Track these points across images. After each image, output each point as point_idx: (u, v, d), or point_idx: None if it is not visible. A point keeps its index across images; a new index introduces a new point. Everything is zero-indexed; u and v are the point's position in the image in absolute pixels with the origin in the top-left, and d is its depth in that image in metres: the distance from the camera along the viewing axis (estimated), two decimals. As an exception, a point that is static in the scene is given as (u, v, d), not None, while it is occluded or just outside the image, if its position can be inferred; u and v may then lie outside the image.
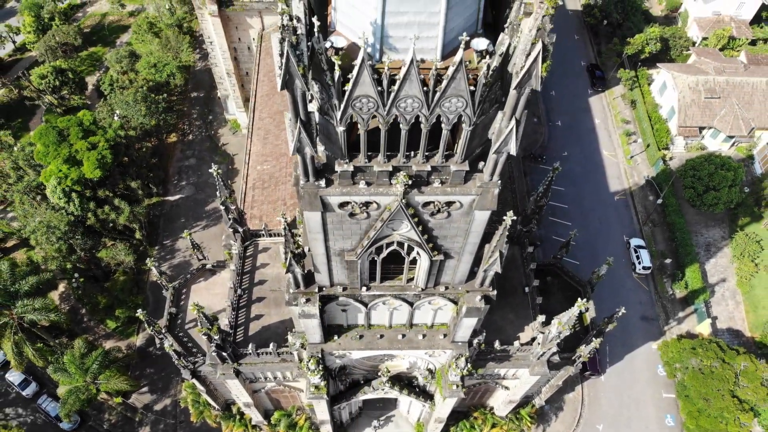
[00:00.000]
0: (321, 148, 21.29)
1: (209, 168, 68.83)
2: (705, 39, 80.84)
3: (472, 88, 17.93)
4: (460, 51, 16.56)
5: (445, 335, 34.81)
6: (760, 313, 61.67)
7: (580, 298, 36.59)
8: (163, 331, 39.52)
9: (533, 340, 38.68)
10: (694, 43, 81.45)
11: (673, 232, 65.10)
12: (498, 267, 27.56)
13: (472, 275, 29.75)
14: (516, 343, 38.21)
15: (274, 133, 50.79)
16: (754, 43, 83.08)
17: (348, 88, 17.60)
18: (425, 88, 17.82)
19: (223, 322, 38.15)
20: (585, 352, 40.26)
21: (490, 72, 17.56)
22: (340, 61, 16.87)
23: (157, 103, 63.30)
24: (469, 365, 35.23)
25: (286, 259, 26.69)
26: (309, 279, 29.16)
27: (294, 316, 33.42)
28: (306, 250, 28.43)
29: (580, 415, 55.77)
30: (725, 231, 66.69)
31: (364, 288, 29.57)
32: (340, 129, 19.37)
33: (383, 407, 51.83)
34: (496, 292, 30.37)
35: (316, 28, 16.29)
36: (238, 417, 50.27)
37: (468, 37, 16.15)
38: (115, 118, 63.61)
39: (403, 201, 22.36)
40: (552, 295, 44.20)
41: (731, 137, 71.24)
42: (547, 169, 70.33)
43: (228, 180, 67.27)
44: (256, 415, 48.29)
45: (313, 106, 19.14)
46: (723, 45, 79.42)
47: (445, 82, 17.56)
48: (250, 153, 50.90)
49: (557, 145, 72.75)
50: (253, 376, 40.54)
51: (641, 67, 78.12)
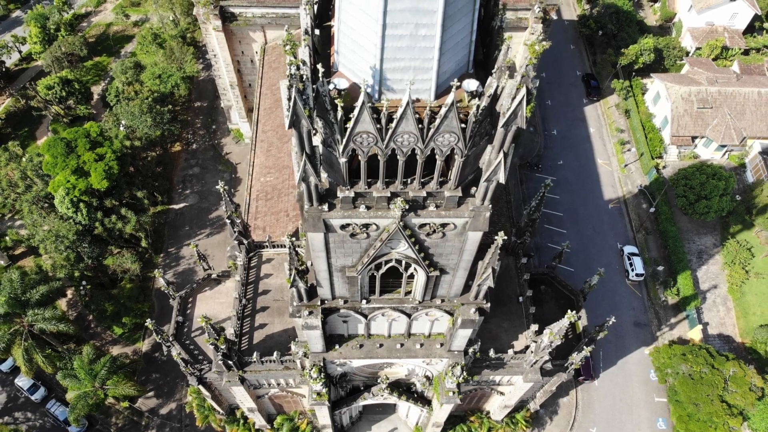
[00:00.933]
0: (324, 175, 22.86)
1: (213, 177, 71.20)
2: (698, 49, 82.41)
3: (463, 125, 19.51)
4: (452, 94, 18.17)
5: (441, 344, 36.38)
6: (751, 319, 63.23)
7: (570, 310, 38.29)
8: (170, 339, 41.09)
9: (527, 348, 40.29)
10: (687, 53, 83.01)
11: (666, 240, 66.67)
12: (491, 282, 29.20)
13: (466, 288, 31.34)
14: (510, 351, 39.72)
15: (276, 146, 52.29)
16: (747, 52, 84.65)
17: (350, 125, 19.21)
18: (420, 126, 19.41)
19: (229, 331, 39.66)
20: (577, 359, 41.77)
21: (480, 111, 19.12)
22: (342, 102, 18.46)
23: (163, 114, 64.83)
24: (464, 373, 36.82)
25: (291, 274, 28.27)
26: (312, 293, 30.75)
27: (297, 327, 34.98)
28: (309, 264, 30.03)
29: (574, 418, 57.29)
30: (717, 238, 68.25)
31: (364, 301, 31.15)
32: (342, 160, 20.96)
33: (383, 411, 53.38)
34: (489, 304, 32.00)
35: (320, 75, 17.85)
36: (242, 421, 51.84)
37: (459, 82, 17.73)
38: (121, 129, 65.20)
39: (400, 223, 23.94)
40: (546, 303, 45.84)
41: (723, 146, 72.79)
42: (543, 177, 72.16)
43: (231, 189, 68.90)
44: (259, 420, 49.86)
45: (317, 140, 20.74)
46: (716, 55, 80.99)
47: (438, 120, 19.15)
48: (253, 165, 52.42)
49: (553, 153, 74.33)
50: (257, 382, 42.10)
51: (635, 77, 79.70)
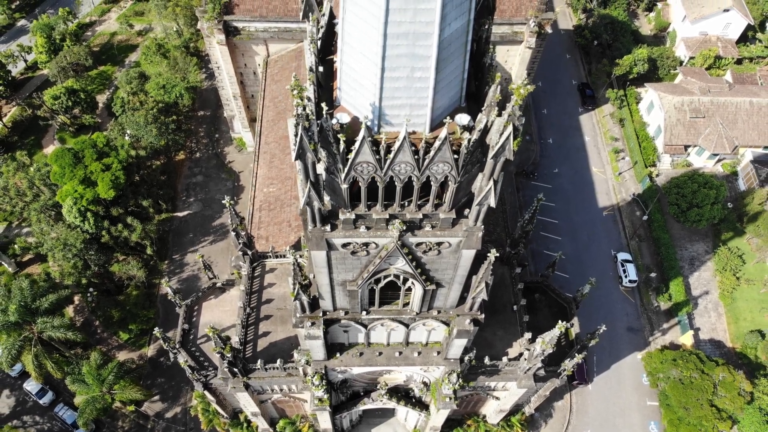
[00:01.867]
0: (327, 198, 24.42)
1: (216, 185, 72.77)
2: (692, 58, 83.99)
3: (456, 156, 21.07)
4: (445, 130, 19.75)
5: (438, 352, 37.96)
6: (741, 324, 64.81)
7: (563, 318, 39.95)
8: (177, 346, 42.68)
9: (520, 355, 41.85)
10: (681, 63, 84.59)
11: (659, 247, 68.26)
12: (485, 295, 30.78)
13: (462, 300, 32.94)
14: (504, 358, 41.26)
15: (279, 157, 53.81)
16: (740, 62, 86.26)
17: (351, 156, 20.78)
18: (416, 156, 20.99)
19: (234, 339, 41.17)
20: (569, 365, 43.38)
21: (471, 144, 20.68)
22: (344, 136, 20.04)
23: (167, 124, 66.35)
24: (460, 380, 38.47)
25: (294, 289, 29.84)
26: (314, 304, 32.33)
27: (300, 336, 36.47)
28: (311, 277, 31.60)
29: (568, 422, 58.84)
30: (709, 245, 69.83)
31: (364, 312, 32.72)
32: (344, 186, 22.53)
33: (382, 415, 54.89)
34: (484, 315, 33.59)
35: (324, 110, 19.43)
36: (246, 425, 53.37)
37: (451, 119, 19.28)
38: (126, 138, 66.72)
39: (398, 242, 25.51)
40: (540, 311, 47.42)
41: (716, 155, 74.39)
42: (539, 185, 73.89)
43: (234, 197, 70.37)
44: (262, 423, 51.41)
45: (320, 168, 22.30)
46: (709, 64, 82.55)
47: (433, 152, 20.73)
48: (256, 176, 53.94)
49: (548, 161, 75.91)
50: (260, 388, 43.63)
51: (630, 86, 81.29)
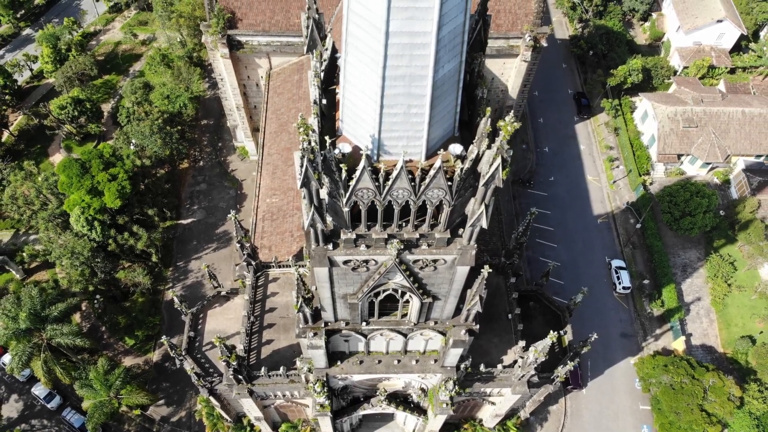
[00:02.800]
0: (329, 219, 25.97)
1: (219, 193, 74.36)
2: (686, 68, 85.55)
3: (450, 183, 22.63)
4: (439, 160, 21.32)
5: (435, 360, 39.51)
6: (732, 330, 66.36)
7: (556, 326, 41.53)
8: (183, 353, 44.24)
9: (515, 362, 43.37)
10: (675, 72, 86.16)
11: (652, 254, 69.83)
12: (479, 308, 32.35)
13: (458, 311, 34.48)
14: (499, 366, 42.81)
15: (281, 169, 55.36)
16: (733, 71, 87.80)
17: (352, 183, 22.34)
18: (413, 183, 22.55)
19: (238, 347, 42.72)
20: (562, 372, 44.94)
21: (463, 172, 22.23)
22: (346, 165, 21.61)
23: (171, 134, 67.91)
24: (456, 387, 40.02)
25: (298, 301, 31.41)
26: (316, 316, 33.87)
27: (303, 345, 38.05)
28: (313, 289, 33.17)
29: (563, 425, 60.38)
30: (701, 253, 71.39)
31: (364, 323, 34.29)
32: (346, 209, 24.08)
33: (381, 419, 56.36)
34: (479, 326, 35.14)
35: (328, 144, 20.99)
36: (249, 428, 54.88)
37: (444, 150, 20.85)
38: (131, 147, 68.27)
39: (396, 260, 27.06)
40: (534, 319, 48.99)
41: (708, 163, 75.95)
42: (536, 193, 75.49)
43: (237, 204, 72.01)
44: (265, 427, 52.94)
45: (323, 192, 23.85)
46: (703, 74, 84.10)
47: (428, 179, 22.29)
48: (259, 187, 55.47)
49: (545, 170, 77.46)
50: (264, 394, 45.18)
51: (625, 95, 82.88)
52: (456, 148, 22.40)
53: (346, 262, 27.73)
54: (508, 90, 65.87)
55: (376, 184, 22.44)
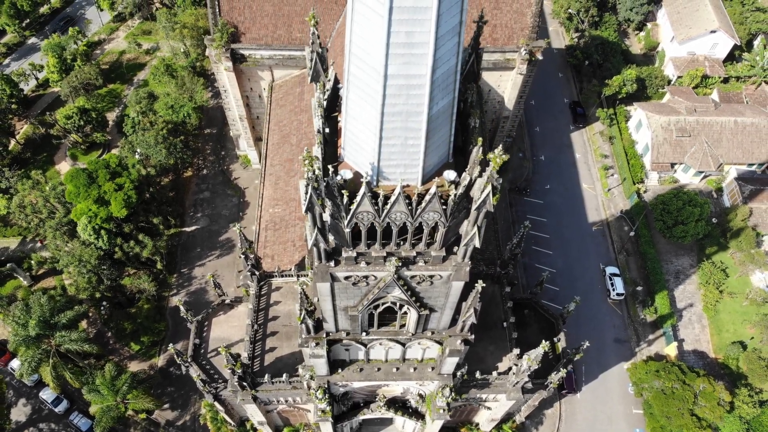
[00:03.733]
0: (331, 238, 27.55)
1: (222, 200, 75.98)
2: (680, 77, 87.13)
3: (444, 206, 24.21)
4: (434, 187, 22.93)
5: (433, 368, 41.09)
6: (724, 336, 67.92)
7: (548, 335, 43.09)
8: (189, 360, 45.78)
9: (509, 369, 44.97)
10: (669, 82, 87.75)
11: (645, 261, 71.43)
12: (473, 319, 33.94)
13: (454, 322, 36.04)
14: (494, 372, 44.44)
15: (284, 179, 56.92)
16: (726, 80, 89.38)
17: (353, 207, 23.92)
18: (410, 206, 24.14)
19: (243, 355, 44.29)
20: (555, 379, 46.52)
21: (457, 197, 23.81)
22: (347, 191, 23.20)
23: (176, 144, 69.50)
24: (453, 393, 41.57)
25: (301, 314, 32.99)
26: (318, 326, 35.45)
27: (305, 354, 39.59)
28: (315, 301, 34.74)
29: (558, 429, 61.92)
30: (694, 260, 72.97)
31: (364, 333, 35.88)
32: (347, 230, 25.66)
33: (381, 423, 57.90)
34: (475, 333, 36.71)
35: (331, 172, 22.57)
36: (252, 432, 56.54)
37: (437, 177, 22.43)
38: (136, 156, 69.86)
39: (395, 275, 28.64)
40: (529, 326, 50.58)
41: (701, 172, 77.54)
42: (532, 201, 77.09)
43: (240, 212, 73.61)
44: (268, 431, 54.47)
45: (326, 215, 25.41)
46: (696, 84, 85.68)
47: (424, 204, 23.89)
48: (262, 197, 57.03)
49: (541, 178, 79.06)
50: (267, 400, 46.76)
51: (619, 105, 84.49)
52: (450, 175, 23.99)
53: (347, 278, 29.30)
54: (505, 101, 67.44)
55: (376, 207, 24.01)
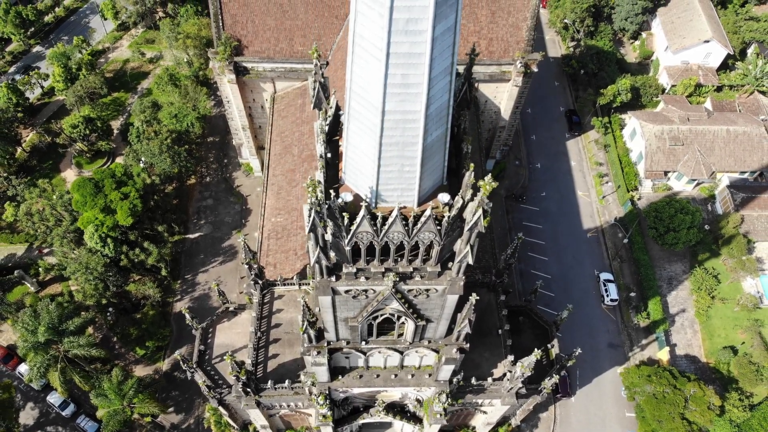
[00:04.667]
0: (332, 254, 29.15)
1: (225, 208, 77.57)
2: (674, 86, 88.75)
3: (439, 227, 25.82)
4: (429, 209, 24.56)
5: (430, 374, 42.72)
6: (715, 341, 69.51)
7: (542, 342, 44.70)
8: (194, 366, 47.36)
9: (504, 375, 46.56)
10: (663, 90, 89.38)
11: (639, 268, 73.05)
12: (468, 330, 35.57)
13: (449, 331, 37.69)
14: (489, 378, 46.00)
15: (286, 189, 58.50)
16: (720, 89, 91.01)
17: (353, 227, 25.53)
18: (406, 227, 25.74)
19: (247, 362, 45.86)
20: (548, 384, 48.10)
21: (451, 218, 25.42)
22: (348, 214, 24.81)
23: (180, 153, 71.12)
24: (449, 399, 43.21)
25: (303, 325, 34.59)
26: (319, 336, 37.07)
27: (307, 362, 41.15)
28: (316, 311, 36.36)
29: (552, 431, 63.65)
30: (686, 266, 74.56)
31: (364, 342, 37.52)
32: (347, 248, 27.27)
33: (380, 427, 59.40)
34: (470, 341, 38.34)
35: (332, 196, 24.18)
36: (254, 436, 58.08)
37: (432, 202, 24.05)
38: (141, 165, 71.49)
39: (392, 289, 30.26)
40: (523, 333, 52.17)
41: (694, 179, 79.13)
42: (528, 208, 78.68)
43: (242, 219, 75.24)
44: (270, 435, 56.09)
45: (328, 234, 27.01)
46: (690, 92, 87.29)
47: (420, 225, 25.50)
48: (265, 206, 58.60)
49: (537, 185, 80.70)
50: (270, 404, 48.34)
51: (614, 113, 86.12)
52: (444, 197, 25.60)
53: (347, 291, 30.92)
54: (501, 112, 69.05)
55: (375, 228, 25.63)
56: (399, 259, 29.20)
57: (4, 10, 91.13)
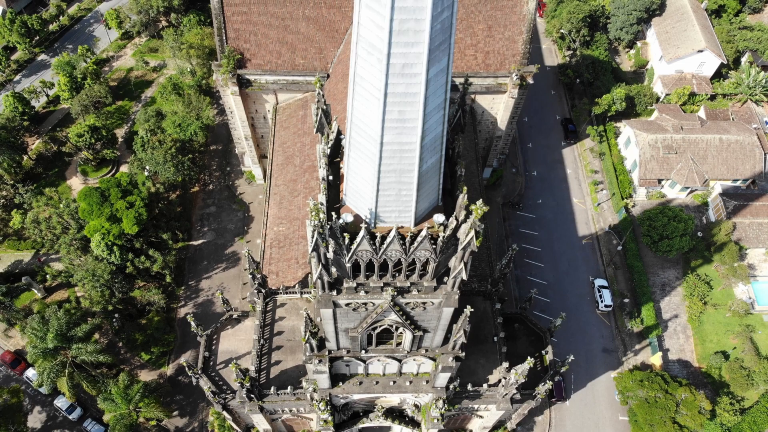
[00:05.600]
0: (333, 270, 30.74)
1: (228, 215, 79.20)
2: (668, 95, 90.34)
3: (434, 245, 27.41)
4: (425, 229, 26.13)
5: (427, 381, 44.28)
6: (707, 346, 71.11)
7: (536, 350, 46.26)
8: (199, 372, 48.94)
9: (499, 382, 48.14)
10: (658, 99, 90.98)
11: (632, 274, 74.64)
12: (464, 339, 37.14)
13: (446, 340, 39.25)
14: (485, 385, 47.55)
15: (288, 199, 60.05)
16: (713, 97, 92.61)
17: (353, 246, 27.11)
18: (404, 246, 27.33)
19: (251, 368, 47.43)
20: (542, 390, 49.68)
21: (445, 237, 27.02)
22: (348, 233, 26.40)
23: (183, 162, 72.73)
24: (446, 405, 44.81)
25: (306, 335, 36.19)
26: (321, 345, 38.65)
27: (309, 370, 42.73)
28: (318, 321, 37.94)
29: (547, 435, 65.18)
30: (679, 272, 76.17)
31: (363, 351, 39.09)
32: (348, 264, 28.86)
33: (379, 431, 60.96)
34: (467, 348, 39.95)
35: (334, 217, 25.78)
36: (257, 439, 59.61)
37: (427, 223, 25.63)
38: (145, 173, 73.10)
39: (391, 302, 31.82)
40: (519, 339, 53.81)
41: (687, 187, 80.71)
42: (524, 215, 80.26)
43: (244, 226, 76.83)
44: (272, 438, 57.64)
45: (330, 252, 28.61)
46: (684, 101, 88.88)
47: (416, 244, 27.08)
48: (267, 215, 60.14)
49: (533, 193, 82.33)
50: (273, 410, 49.91)
51: (609, 122, 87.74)
52: (439, 218, 27.19)
53: (347, 304, 32.51)
54: (498, 122, 70.64)
55: (374, 246, 27.21)
56: (397, 274, 30.77)
57: (10, 20, 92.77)
